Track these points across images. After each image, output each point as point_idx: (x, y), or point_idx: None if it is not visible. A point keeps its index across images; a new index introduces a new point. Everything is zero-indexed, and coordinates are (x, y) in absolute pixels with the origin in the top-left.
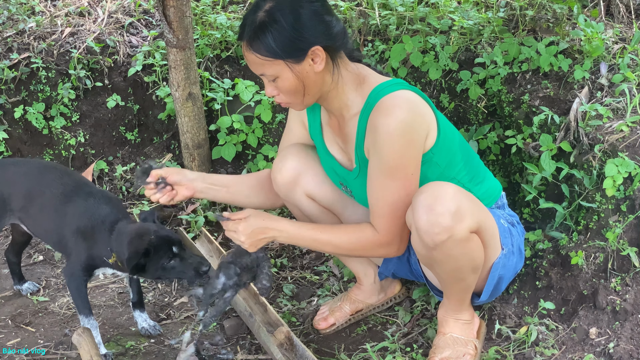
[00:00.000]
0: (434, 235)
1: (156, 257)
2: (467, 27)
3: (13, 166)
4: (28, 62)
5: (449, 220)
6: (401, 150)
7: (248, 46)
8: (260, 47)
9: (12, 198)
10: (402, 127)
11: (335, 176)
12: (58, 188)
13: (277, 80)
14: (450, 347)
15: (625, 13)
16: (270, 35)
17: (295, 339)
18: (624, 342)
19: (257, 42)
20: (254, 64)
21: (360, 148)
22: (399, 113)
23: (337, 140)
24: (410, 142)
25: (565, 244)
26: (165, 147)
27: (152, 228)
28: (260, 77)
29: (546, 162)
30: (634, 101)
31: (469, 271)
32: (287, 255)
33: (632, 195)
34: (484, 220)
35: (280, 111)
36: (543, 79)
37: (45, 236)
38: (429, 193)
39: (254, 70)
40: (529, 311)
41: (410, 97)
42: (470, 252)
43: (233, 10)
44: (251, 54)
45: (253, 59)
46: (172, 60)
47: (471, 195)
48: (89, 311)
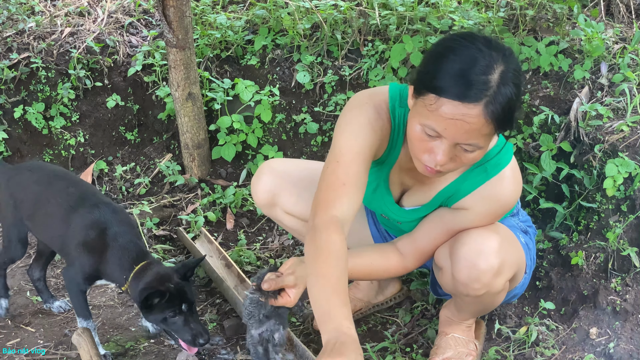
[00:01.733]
0: (473, 290)
1: (165, 305)
2: (467, 27)
3: (28, 171)
4: (28, 62)
5: (490, 277)
6: (494, 220)
7: (484, 110)
8: (500, 112)
9: (23, 204)
10: (512, 204)
11: (379, 207)
12: (67, 197)
13: (476, 152)
14: (452, 347)
15: (625, 13)
16: (512, 99)
17: (295, 339)
18: (624, 342)
19: (497, 106)
20: (475, 133)
21: (446, 196)
22: (518, 189)
23: (407, 181)
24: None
25: (565, 244)
26: (165, 147)
27: (175, 278)
28: (449, 145)
29: (546, 162)
30: (634, 101)
31: (491, 308)
32: (287, 256)
33: (633, 195)
34: (520, 263)
35: (280, 111)
36: (543, 78)
37: (51, 242)
38: (473, 246)
39: (461, 139)
40: (529, 311)
41: (518, 168)
42: (500, 298)
43: (233, 10)
44: (484, 120)
45: (482, 127)
46: (172, 60)
47: (511, 238)
48: (87, 314)
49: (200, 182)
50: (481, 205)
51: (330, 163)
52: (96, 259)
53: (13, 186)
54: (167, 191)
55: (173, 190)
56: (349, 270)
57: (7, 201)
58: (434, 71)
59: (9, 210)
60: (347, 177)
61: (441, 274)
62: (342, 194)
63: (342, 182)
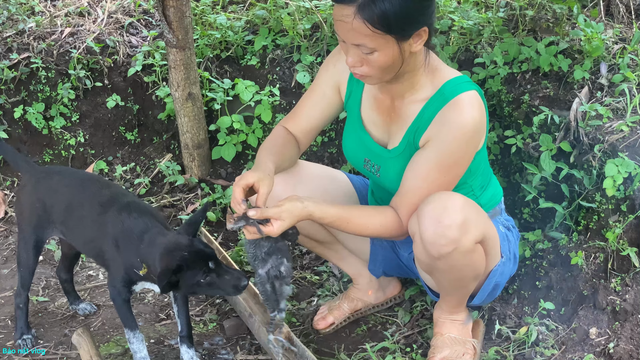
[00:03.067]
0: (440, 247)
1: (191, 273)
2: (467, 27)
3: (58, 175)
4: (28, 62)
5: (456, 232)
6: (464, 150)
7: (358, 12)
8: (374, 18)
9: (54, 209)
10: (473, 128)
11: (361, 149)
12: (96, 199)
13: (375, 53)
14: (448, 347)
15: (625, 13)
16: (390, 7)
17: (295, 339)
18: (624, 342)
19: (370, 10)
20: (355, 33)
21: (413, 133)
22: (474, 114)
23: (380, 117)
24: (474, 145)
25: (565, 244)
26: (165, 147)
27: (184, 242)
28: (350, 45)
29: (546, 162)
30: (634, 101)
31: (469, 279)
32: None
33: (632, 195)
34: (488, 230)
35: (280, 111)
36: (543, 79)
37: (86, 249)
38: (437, 204)
39: (348, 38)
40: (529, 311)
41: (480, 101)
42: (473, 262)
43: (233, 10)
44: (359, 21)
45: (358, 27)
46: (172, 60)
47: (477, 205)
48: (134, 324)
49: (200, 182)
50: (440, 131)
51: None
52: (128, 257)
53: (42, 190)
54: (167, 191)
55: (173, 190)
56: (348, 218)
57: (33, 204)
58: None
59: (33, 213)
60: (299, 105)
61: (415, 246)
62: (292, 116)
63: (295, 109)
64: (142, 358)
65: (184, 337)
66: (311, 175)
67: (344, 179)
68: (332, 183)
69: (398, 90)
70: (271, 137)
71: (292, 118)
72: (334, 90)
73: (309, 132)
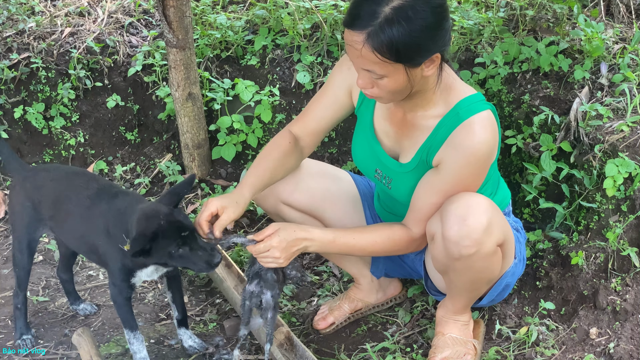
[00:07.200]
0: (463, 248)
1: (164, 242)
2: (467, 27)
3: (44, 172)
4: (28, 62)
5: (480, 233)
6: (477, 173)
7: (367, 40)
8: (383, 47)
9: (42, 205)
10: (486, 152)
11: (372, 159)
12: (84, 192)
13: (385, 79)
14: (450, 347)
15: (625, 13)
16: (399, 36)
17: (295, 339)
18: (624, 342)
19: (379, 39)
20: (364, 59)
21: (426, 151)
22: (487, 137)
23: (392, 128)
24: (485, 167)
25: (565, 244)
26: (165, 147)
27: (163, 210)
28: (360, 69)
29: (546, 162)
30: (634, 101)
31: (484, 283)
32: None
33: (633, 195)
34: (507, 232)
35: (280, 111)
36: (543, 79)
37: (77, 245)
38: (462, 203)
39: (358, 64)
40: (529, 311)
41: (493, 121)
42: (491, 265)
43: (233, 10)
44: (367, 49)
45: (367, 55)
46: (172, 60)
47: (497, 206)
48: (134, 324)
49: (201, 182)
50: (453, 155)
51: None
52: (119, 241)
53: (29, 187)
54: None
55: None
56: (358, 246)
57: (22, 203)
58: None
59: (24, 212)
60: (310, 106)
61: (433, 246)
62: (302, 117)
63: (305, 110)
64: (142, 358)
65: (180, 321)
66: (313, 173)
67: (348, 179)
68: (335, 183)
69: (410, 106)
70: (268, 148)
71: (301, 119)
72: (346, 93)
73: (317, 135)
